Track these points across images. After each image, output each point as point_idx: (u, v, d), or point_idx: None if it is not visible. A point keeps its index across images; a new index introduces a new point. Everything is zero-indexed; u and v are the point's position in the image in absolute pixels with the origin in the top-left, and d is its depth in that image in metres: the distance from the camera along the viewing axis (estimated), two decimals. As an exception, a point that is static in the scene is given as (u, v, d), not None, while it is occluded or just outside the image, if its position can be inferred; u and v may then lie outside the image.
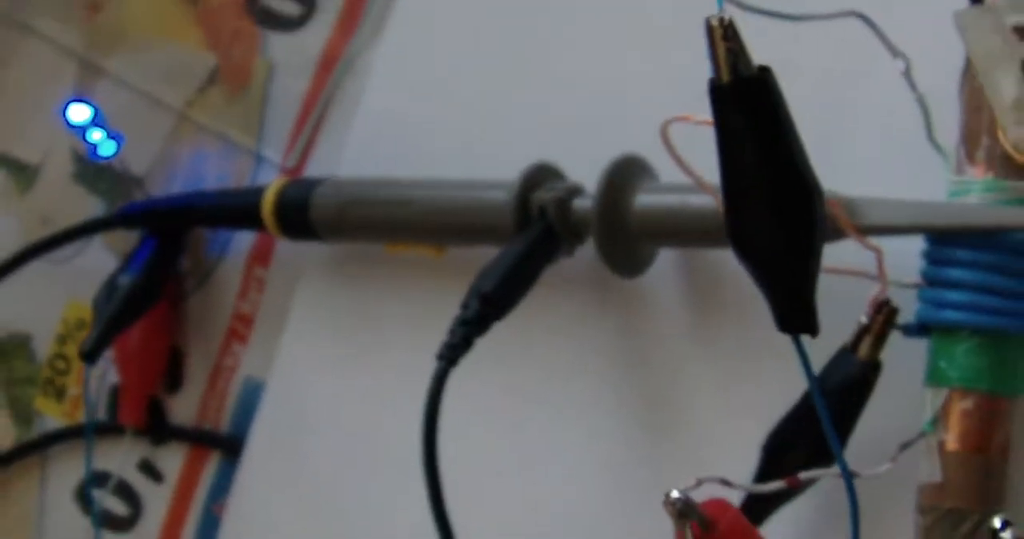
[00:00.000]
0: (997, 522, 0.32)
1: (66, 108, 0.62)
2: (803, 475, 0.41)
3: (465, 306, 0.46)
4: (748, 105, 0.32)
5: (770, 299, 0.35)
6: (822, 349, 0.44)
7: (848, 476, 0.36)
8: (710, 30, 0.32)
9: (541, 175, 0.50)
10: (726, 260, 0.46)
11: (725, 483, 0.39)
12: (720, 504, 0.37)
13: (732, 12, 0.39)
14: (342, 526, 0.55)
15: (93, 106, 0.62)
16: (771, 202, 0.33)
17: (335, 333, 0.57)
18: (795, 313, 0.34)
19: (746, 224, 0.34)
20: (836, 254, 0.43)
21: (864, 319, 0.43)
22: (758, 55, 0.45)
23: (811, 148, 0.46)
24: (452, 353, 0.45)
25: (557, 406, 0.52)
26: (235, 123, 0.60)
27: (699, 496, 0.38)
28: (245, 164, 0.60)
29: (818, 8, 0.43)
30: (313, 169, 0.58)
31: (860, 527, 0.35)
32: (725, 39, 0.32)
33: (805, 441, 0.44)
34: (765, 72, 0.33)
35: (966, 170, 0.44)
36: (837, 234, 0.43)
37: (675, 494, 0.35)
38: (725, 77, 0.32)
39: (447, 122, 0.55)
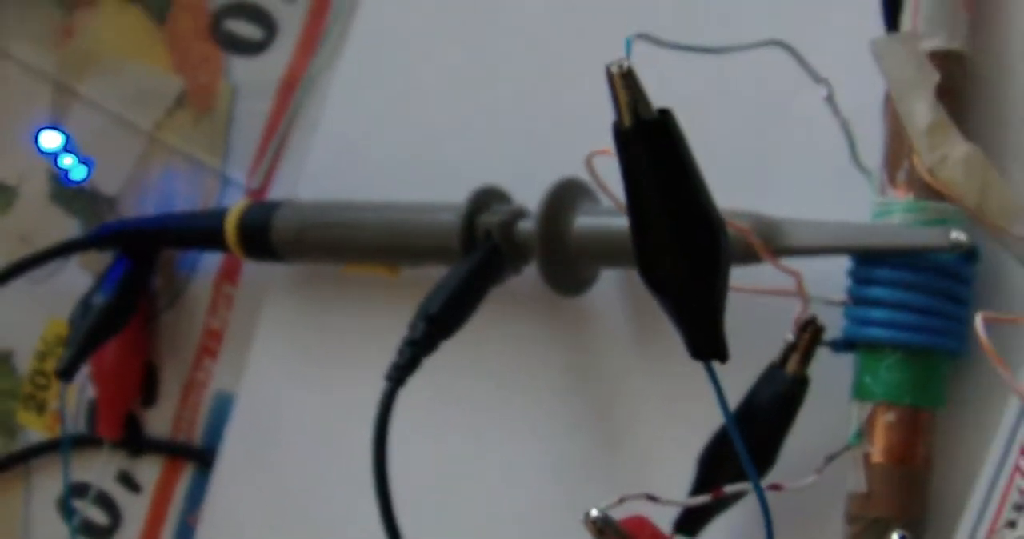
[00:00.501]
0: (895, 536, 0.33)
1: (38, 135, 0.63)
2: (729, 488, 0.42)
3: (413, 327, 0.47)
4: (649, 147, 0.33)
5: (680, 329, 0.36)
6: (759, 364, 0.45)
7: (761, 494, 0.37)
8: (610, 77, 0.32)
9: (488, 198, 0.51)
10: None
11: (651, 498, 0.40)
12: (639, 521, 0.38)
13: (654, 50, 0.40)
14: (312, 535, 0.56)
15: (64, 133, 0.63)
16: (675, 238, 0.34)
17: (300, 349, 0.58)
18: (705, 341, 0.35)
19: (653, 259, 0.35)
20: (768, 274, 0.45)
21: (791, 337, 0.44)
22: (684, 86, 0.46)
23: (742, 172, 0.48)
24: (399, 374, 0.46)
25: (508, 419, 0.53)
26: (202, 145, 0.61)
27: (631, 510, 0.40)
28: (212, 185, 0.61)
29: (740, 39, 0.44)
30: (277, 189, 0.59)
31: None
32: (625, 85, 0.33)
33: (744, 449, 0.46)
34: (665, 115, 0.33)
35: (888, 192, 0.45)
36: (755, 258, 0.44)
37: (594, 513, 0.37)
38: (627, 121, 0.33)
39: (403, 144, 0.56)
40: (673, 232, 0.34)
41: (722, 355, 0.36)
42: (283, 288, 0.59)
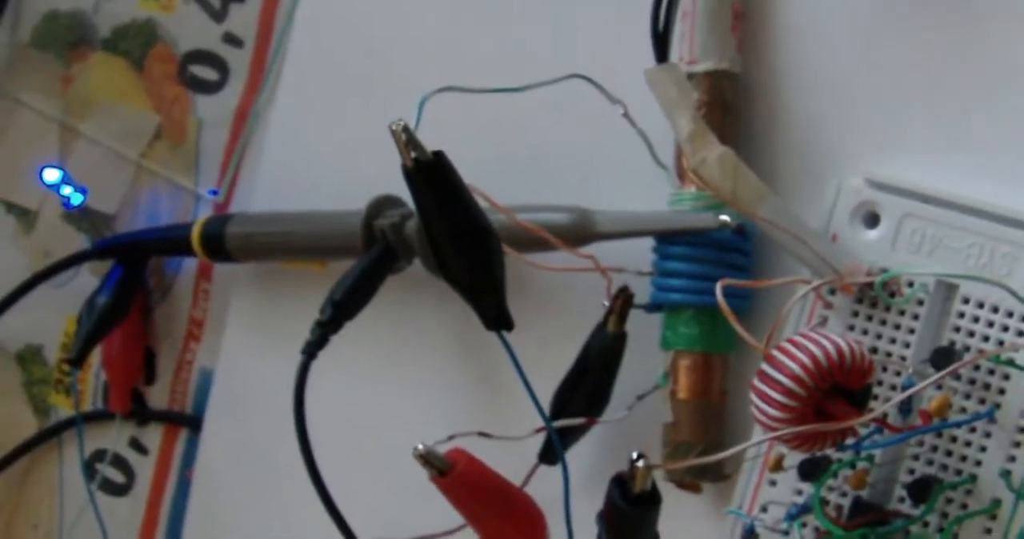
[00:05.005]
0: (634, 454, 0.39)
1: (41, 172, 0.70)
2: (558, 423, 0.50)
3: (322, 311, 0.53)
4: (428, 181, 0.42)
5: (475, 309, 0.45)
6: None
7: (551, 429, 0.47)
8: (393, 133, 0.41)
9: (384, 204, 0.57)
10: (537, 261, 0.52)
11: (483, 435, 0.48)
12: (459, 452, 0.45)
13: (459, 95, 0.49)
14: (282, 478, 0.62)
15: (62, 169, 0.70)
16: (455, 244, 0.42)
17: (261, 330, 0.65)
18: (492, 317, 0.44)
19: (445, 260, 0.43)
20: (603, 254, 0.52)
21: (606, 303, 0.52)
22: (504, 118, 0.54)
23: (574, 177, 0.56)
24: (311, 349, 0.52)
25: (407, 378, 0.60)
26: (178, 169, 0.67)
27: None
28: (188, 201, 0.67)
29: (543, 76, 0.52)
30: (238, 202, 0.66)
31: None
32: (404, 138, 0.41)
33: (580, 395, 0.53)
34: (438, 156, 0.41)
35: (678, 184, 0.52)
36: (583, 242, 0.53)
37: (420, 447, 0.44)
38: (409, 164, 0.41)
39: (330, 162, 0.63)
40: (453, 240, 0.42)
41: (508, 326, 0.44)
42: (245, 282, 0.65)
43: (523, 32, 0.58)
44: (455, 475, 0.45)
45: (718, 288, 0.44)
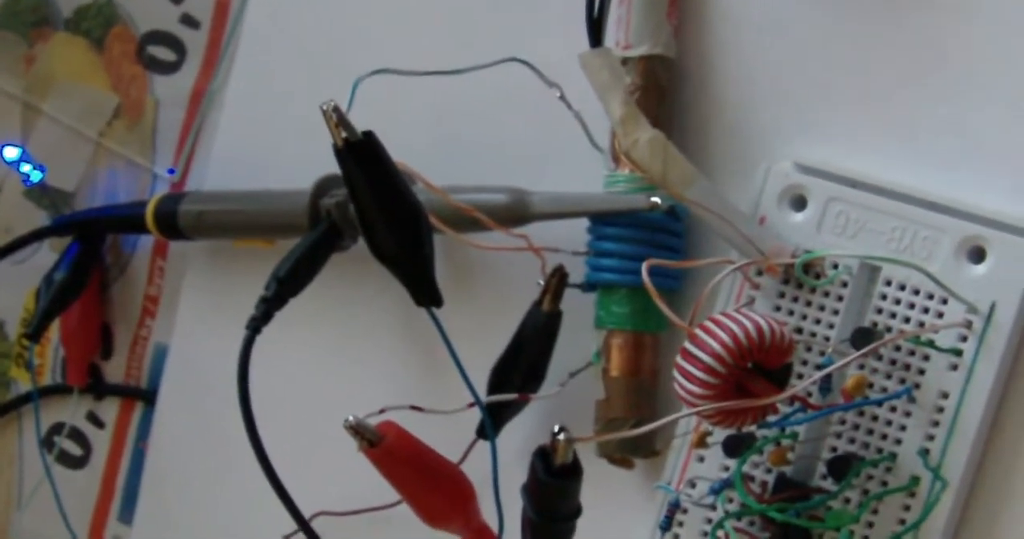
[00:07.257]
0: (556, 427, 0.40)
1: (1, 149, 0.71)
2: (488, 398, 0.51)
3: (266, 287, 0.53)
4: (359, 160, 0.42)
5: (405, 285, 0.46)
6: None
7: (483, 407, 0.47)
8: (324, 114, 0.42)
9: (330, 183, 0.57)
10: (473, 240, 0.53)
11: (416, 408, 0.49)
12: (389, 424, 0.46)
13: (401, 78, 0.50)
14: (233, 451, 0.58)
15: (22, 146, 0.71)
16: (385, 222, 0.43)
17: (213, 306, 0.65)
18: (422, 293, 0.46)
19: (375, 238, 0.44)
20: (550, 233, 0.53)
21: (541, 282, 0.52)
22: (443, 100, 0.54)
23: (510, 159, 0.57)
24: (256, 324, 0.52)
25: (351, 351, 0.61)
26: (135, 148, 0.68)
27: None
28: (145, 179, 0.68)
29: (481, 59, 0.53)
30: (193, 180, 0.66)
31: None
32: (335, 119, 0.42)
33: (516, 372, 0.53)
34: (368, 135, 0.42)
35: (613, 166, 0.52)
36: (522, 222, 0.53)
37: (350, 418, 0.45)
38: (339, 143, 0.42)
39: (281, 141, 0.63)
40: (382, 218, 0.43)
41: (437, 302, 0.45)
42: (199, 260, 0.66)
43: (464, 16, 0.58)
44: (384, 446, 0.46)
45: (644, 268, 0.44)
